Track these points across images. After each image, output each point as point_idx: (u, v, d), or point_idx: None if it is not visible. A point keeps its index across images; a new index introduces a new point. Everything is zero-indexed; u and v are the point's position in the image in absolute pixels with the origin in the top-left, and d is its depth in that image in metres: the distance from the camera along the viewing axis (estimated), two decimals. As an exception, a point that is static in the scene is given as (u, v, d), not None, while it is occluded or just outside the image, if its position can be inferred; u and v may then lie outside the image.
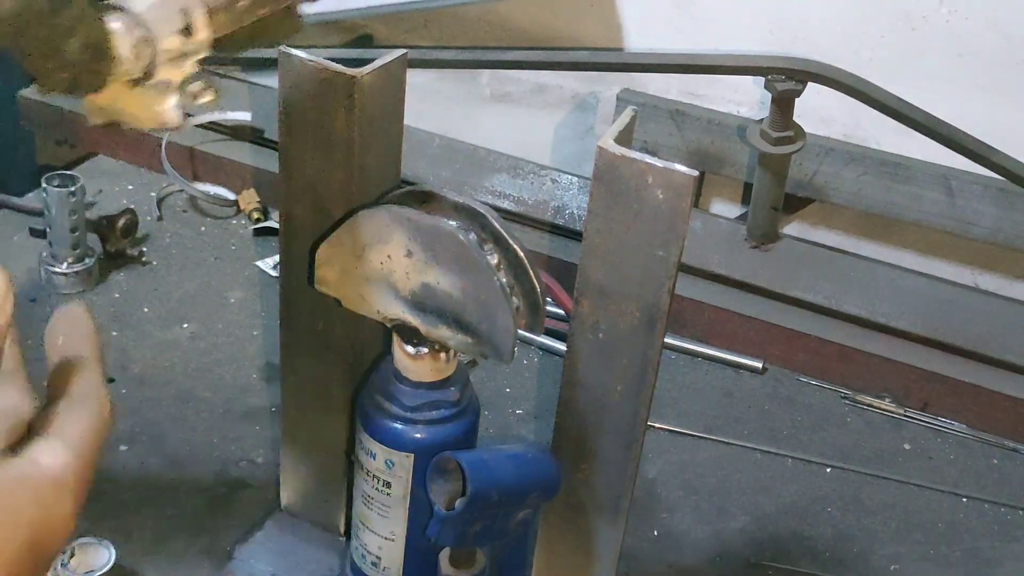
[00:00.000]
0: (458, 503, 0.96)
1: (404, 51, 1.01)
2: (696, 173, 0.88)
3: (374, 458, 1.04)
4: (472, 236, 0.95)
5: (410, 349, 1.00)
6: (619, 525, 1.05)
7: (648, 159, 0.89)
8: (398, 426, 1.02)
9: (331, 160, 1.01)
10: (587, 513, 1.05)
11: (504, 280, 0.94)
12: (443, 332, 0.97)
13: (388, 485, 1.04)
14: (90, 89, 0.69)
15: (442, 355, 1.00)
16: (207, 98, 0.76)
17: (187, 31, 0.73)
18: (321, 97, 0.98)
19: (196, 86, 0.75)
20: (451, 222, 0.95)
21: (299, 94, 1.00)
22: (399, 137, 1.06)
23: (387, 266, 0.97)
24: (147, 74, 0.72)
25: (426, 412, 1.02)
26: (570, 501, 1.05)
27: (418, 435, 1.02)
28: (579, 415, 1.01)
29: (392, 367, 1.02)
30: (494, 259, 0.95)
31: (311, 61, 0.98)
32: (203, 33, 0.74)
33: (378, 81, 0.99)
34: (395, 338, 1.01)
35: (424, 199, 0.97)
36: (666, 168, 0.88)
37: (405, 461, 1.02)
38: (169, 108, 0.75)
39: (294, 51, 0.99)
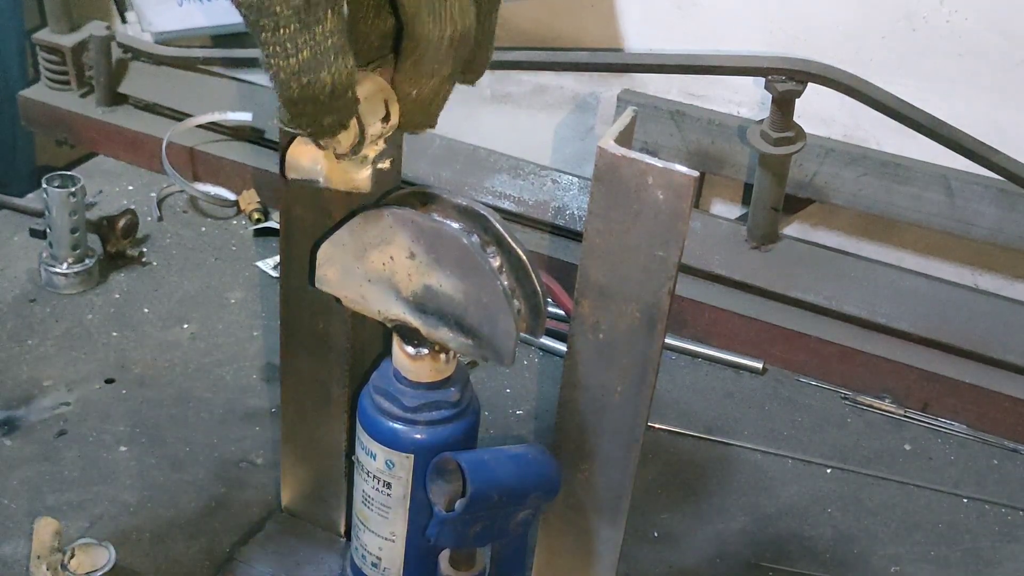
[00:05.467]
0: (458, 504, 0.96)
1: (404, 52, 1.01)
2: (696, 174, 0.88)
3: (374, 459, 1.04)
4: (475, 239, 0.95)
5: (410, 350, 1.00)
6: (619, 525, 1.05)
7: (648, 160, 0.89)
8: (398, 427, 1.02)
9: (331, 160, 1.00)
10: (587, 513, 1.05)
11: (506, 283, 0.94)
12: (444, 334, 0.97)
13: (388, 486, 1.04)
14: (322, 139, 0.86)
15: (442, 356, 1.00)
16: (386, 166, 0.92)
17: (386, 118, 0.89)
18: (321, 97, 0.98)
19: (383, 160, 0.91)
20: (454, 224, 0.95)
21: (299, 95, 0.99)
22: (400, 137, 1.06)
23: (389, 267, 0.97)
24: (355, 150, 0.88)
25: (426, 413, 1.02)
26: (570, 501, 1.05)
27: (418, 436, 1.02)
28: (579, 415, 1.01)
29: (392, 367, 1.02)
30: (496, 262, 0.95)
31: (311, 61, 0.98)
32: (395, 119, 0.90)
33: (378, 81, 0.99)
34: (395, 338, 1.01)
35: (426, 200, 0.97)
36: (666, 168, 0.88)
37: (405, 462, 1.02)
38: (364, 177, 0.91)
39: (295, 51, 0.99)
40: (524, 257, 0.95)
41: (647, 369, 0.96)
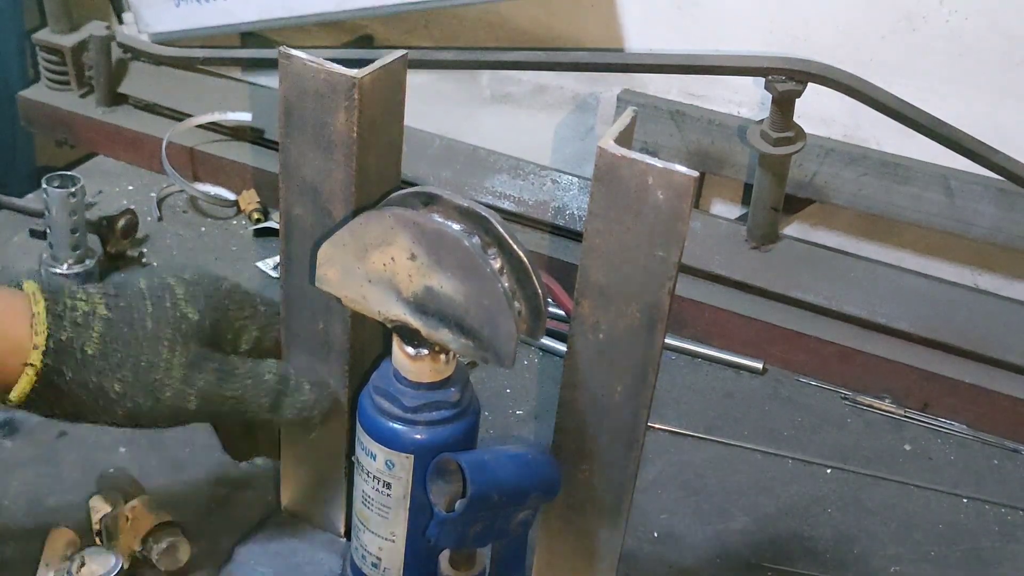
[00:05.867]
0: (458, 504, 0.96)
1: (404, 52, 1.01)
2: (696, 174, 0.88)
3: (374, 459, 1.04)
4: (476, 240, 0.94)
5: (410, 350, 1.00)
6: (619, 526, 1.05)
7: (648, 160, 0.89)
8: (398, 427, 1.02)
9: (331, 160, 1.01)
10: (587, 514, 1.05)
11: (507, 285, 0.94)
12: (444, 335, 0.97)
13: (388, 486, 1.04)
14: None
15: (442, 356, 1.00)
16: None
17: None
18: (321, 97, 0.98)
19: None
20: (455, 226, 0.95)
21: (299, 94, 1.00)
22: (399, 137, 1.06)
23: (390, 268, 0.97)
24: None
25: (426, 413, 1.02)
26: (570, 502, 1.05)
27: (418, 436, 1.02)
28: (579, 416, 1.01)
29: (392, 368, 1.02)
30: (497, 264, 0.95)
31: (311, 62, 0.98)
32: None
33: (378, 82, 0.99)
34: (395, 339, 1.01)
35: (427, 201, 0.97)
36: (666, 169, 0.88)
37: (405, 462, 1.02)
38: None
39: (294, 52, 0.99)
40: (525, 259, 0.95)
41: (647, 369, 0.96)
